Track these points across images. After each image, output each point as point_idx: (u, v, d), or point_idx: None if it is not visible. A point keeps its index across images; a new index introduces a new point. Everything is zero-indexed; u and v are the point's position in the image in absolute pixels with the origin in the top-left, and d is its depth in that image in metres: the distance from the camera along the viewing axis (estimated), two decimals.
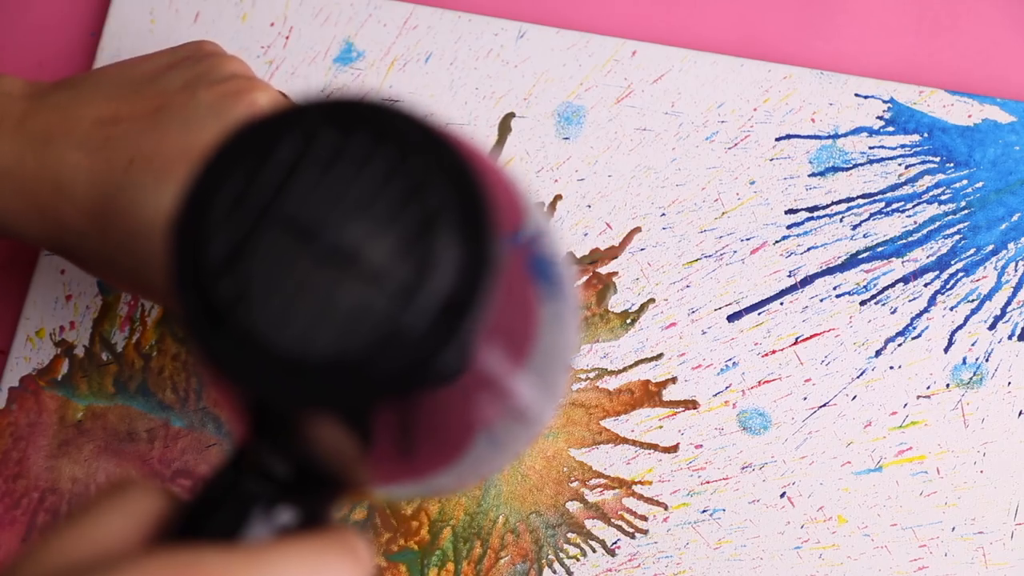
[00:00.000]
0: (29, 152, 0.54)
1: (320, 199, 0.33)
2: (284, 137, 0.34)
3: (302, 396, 0.33)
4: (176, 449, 0.63)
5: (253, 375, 0.33)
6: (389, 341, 0.33)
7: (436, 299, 0.33)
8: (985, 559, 0.60)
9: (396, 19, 0.66)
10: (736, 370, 0.62)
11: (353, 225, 0.33)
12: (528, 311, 0.36)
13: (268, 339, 0.33)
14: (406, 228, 0.33)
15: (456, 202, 0.33)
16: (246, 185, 0.34)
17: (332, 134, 0.34)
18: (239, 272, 0.33)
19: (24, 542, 0.63)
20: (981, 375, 0.61)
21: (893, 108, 0.64)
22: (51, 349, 0.64)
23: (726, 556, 0.61)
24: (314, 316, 0.33)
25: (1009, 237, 0.63)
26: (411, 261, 0.33)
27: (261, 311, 0.33)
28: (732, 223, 0.63)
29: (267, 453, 0.37)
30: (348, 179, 0.33)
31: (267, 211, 0.33)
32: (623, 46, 0.65)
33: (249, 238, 0.33)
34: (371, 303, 0.33)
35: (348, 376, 0.33)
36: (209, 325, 0.33)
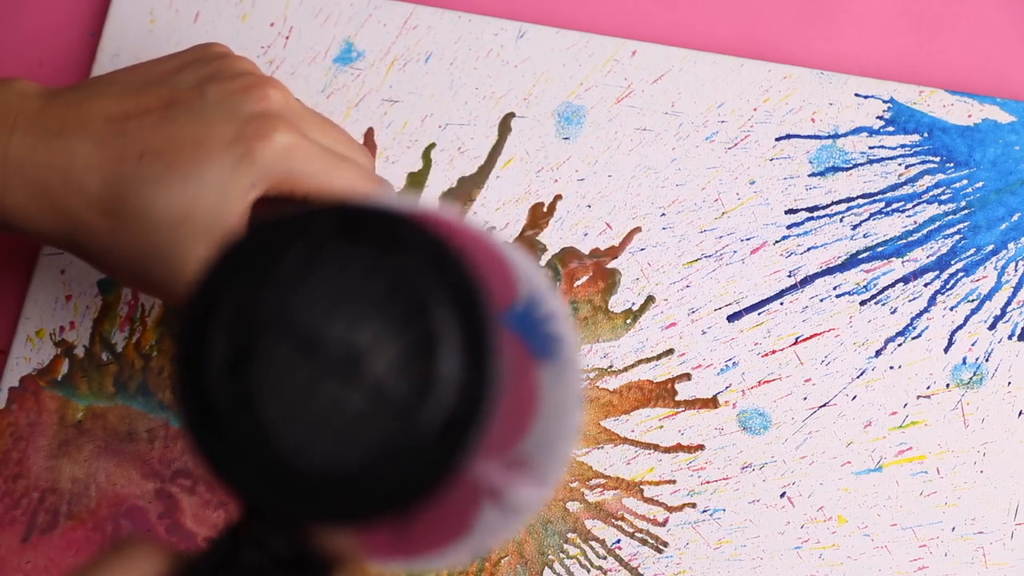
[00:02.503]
0: (42, 145, 0.54)
1: (324, 311, 0.33)
2: (291, 248, 0.34)
3: (299, 508, 0.33)
4: (176, 449, 0.63)
5: (250, 484, 0.33)
6: (389, 457, 0.33)
7: (438, 419, 0.33)
8: (985, 559, 0.60)
9: (396, 19, 0.66)
10: (736, 370, 0.62)
11: (357, 338, 0.33)
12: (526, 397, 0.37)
13: (266, 447, 0.33)
14: (409, 345, 0.33)
15: (460, 324, 0.33)
16: (252, 292, 0.34)
17: (340, 248, 0.34)
18: (241, 379, 0.33)
19: (24, 542, 0.63)
20: (981, 375, 0.61)
21: (893, 108, 0.64)
22: (51, 349, 0.64)
23: (726, 556, 0.61)
24: (314, 427, 0.33)
25: (1009, 237, 0.63)
26: (412, 380, 0.33)
27: (261, 419, 0.33)
28: (732, 223, 0.63)
29: (269, 535, 0.37)
30: (353, 293, 0.33)
31: (272, 320, 0.33)
32: (623, 46, 0.65)
33: (253, 346, 0.33)
34: (372, 418, 0.33)
35: (343, 491, 0.33)
36: (208, 430, 0.33)
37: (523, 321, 0.37)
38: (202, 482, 0.63)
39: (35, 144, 0.54)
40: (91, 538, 0.62)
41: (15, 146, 0.54)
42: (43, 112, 0.55)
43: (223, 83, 0.55)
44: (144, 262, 0.54)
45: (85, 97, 0.56)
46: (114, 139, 0.54)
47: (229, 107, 0.55)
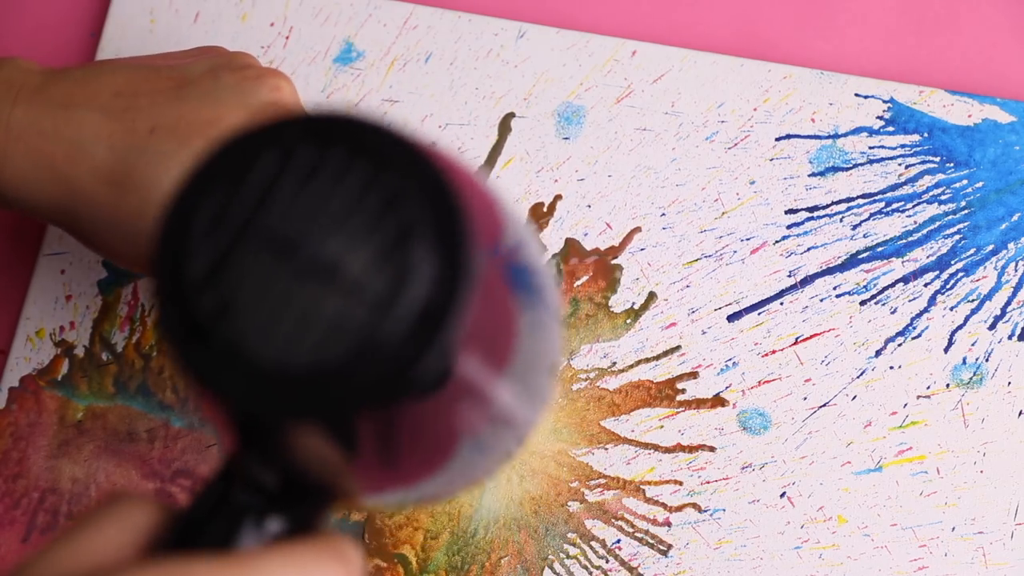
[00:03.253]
0: (47, 116, 0.54)
1: (298, 214, 0.34)
2: (263, 154, 0.34)
3: (282, 407, 0.33)
4: (176, 449, 0.63)
5: (234, 387, 0.33)
6: (367, 351, 0.33)
7: (413, 309, 0.33)
8: (985, 559, 0.60)
9: (396, 19, 0.66)
10: (736, 370, 0.62)
11: (331, 239, 0.34)
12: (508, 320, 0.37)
13: (249, 351, 0.33)
14: (383, 240, 0.34)
15: (431, 213, 0.34)
16: (226, 201, 0.34)
17: (309, 150, 0.34)
18: (220, 286, 0.34)
19: (24, 542, 0.63)
20: (981, 375, 0.61)
21: (893, 108, 0.64)
22: (51, 349, 0.64)
23: (726, 556, 0.61)
24: (294, 328, 0.33)
25: (1009, 237, 0.63)
26: (388, 272, 0.33)
27: (242, 324, 0.33)
28: (732, 223, 0.63)
29: (255, 464, 0.37)
30: (325, 194, 0.34)
31: (247, 227, 0.34)
32: (623, 46, 0.65)
33: (229, 253, 0.34)
34: (350, 314, 0.33)
35: (328, 387, 0.33)
36: (191, 339, 0.34)
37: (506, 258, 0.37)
38: (202, 482, 0.63)
39: (40, 115, 0.54)
40: None
41: (18, 117, 0.54)
42: (48, 86, 0.55)
43: (235, 71, 0.55)
44: (142, 238, 0.54)
45: (94, 74, 0.55)
46: (124, 112, 0.54)
47: (242, 92, 0.55)
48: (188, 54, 0.58)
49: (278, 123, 0.35)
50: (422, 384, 0.33)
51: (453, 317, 0.33)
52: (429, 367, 0.33)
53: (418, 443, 0.36)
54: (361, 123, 0.34)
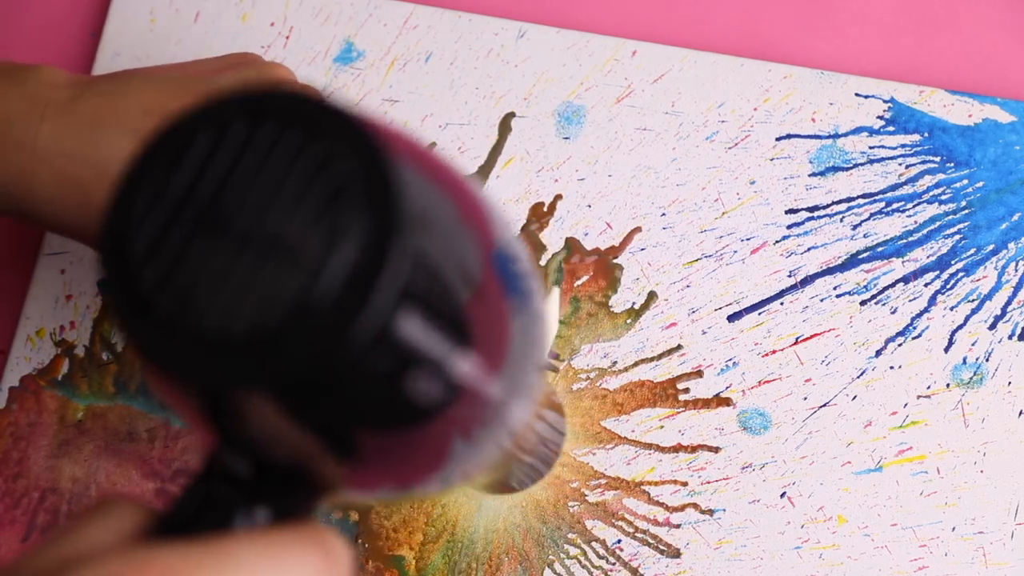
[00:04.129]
0: (74, 136, 0.54)
1: (233, 188, 0.35)
2: (198, 133, 0.35)
3: (222, 376, 0.34)
4: (176, 449, 0.63)
5: (179, 359, 0.34)
6: (300, 315, 0.33)
7: (342, 270, 0.33)
8: (985, 559, 0.60)
9: (396, 19, 0.66)
10: (736, 370, 0.62)
11: (265, 209, 0.34)
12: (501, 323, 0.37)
13: (189, 322, 0.34)
14: (314, 205, 0.34)
15: (362, 173, 0.34)
16: (164, 180, 0.35)
17: (241, 126, 0.35)
18: (160, 260, 0.35)
19: (24, 542, 0.63)
20: (981, 375, 0.61)
21: (893, 108, 0.64)
22: (51, 349, 0.64)
23: (726, 556, 0.61)
24: (232, 298, 0.34)
25: (1009, 237, 0.63)
26: (319, 236, 0.34)
27: (182, 296, 0.34)
28: (732, 223, 0.63)
29: (227, 455, 0.38)
30: (257, 166, 0.35)
31: (184, 203, 0.35)
32: (623, 46, 0.65)
33: (169, 229, 0.35)
34: (284, 280, 0.34)
35: (264, 352, 0.33)
36: (136, 314, 0.34)
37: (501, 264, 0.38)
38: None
39: (67, 135, 0.54)
40: None
41: (44, 136, 0.54)
42: (75, 102, 0.54)
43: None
44: None
45: (122, 89, 0.55)
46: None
47: None
48: (220, 62, 0.57)
49: (214, 103, 0.36)
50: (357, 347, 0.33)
51: (385, 275, 0.33)
52: (363, 329, 0.33)
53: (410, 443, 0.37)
54: (293, 96, 0.35)
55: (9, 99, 0.55)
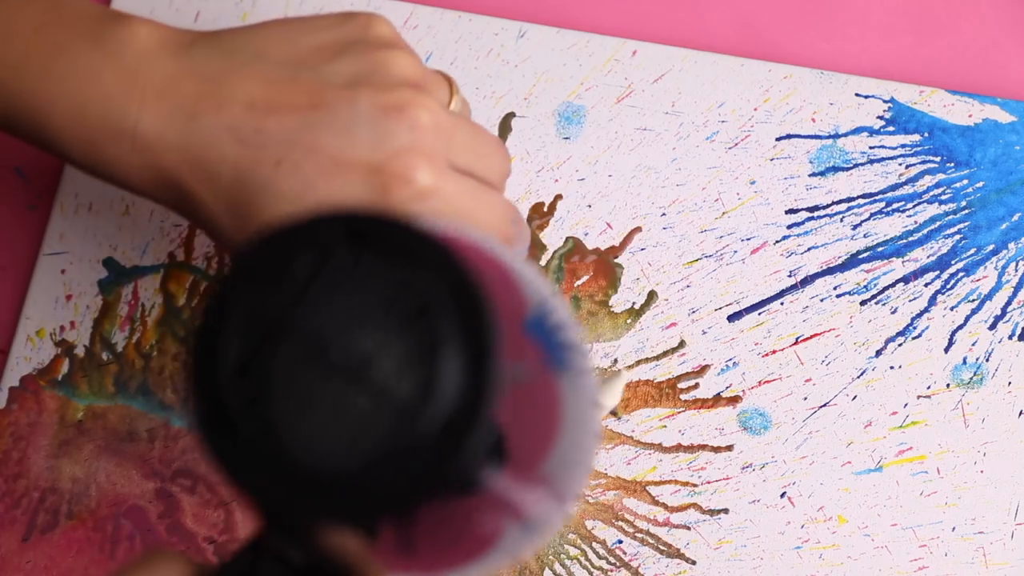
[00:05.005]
0: (173, 127, 0.52)
1: (332, 314, 0.35)
2: (299, 253, 0.35)
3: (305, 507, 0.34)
4: (176, 449, 0.63)
5: (260, 485, 0.34)
6: (391, 458, 0.34)
7: (438, 420, 0.34)
8: (985, 559, 0.60)
9: (396, 19, 0.66)
10: (736, 370, 0.62)
11: (361, 341, 0.34)
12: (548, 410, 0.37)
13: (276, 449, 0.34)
14: (412, 346, 0.34)
15: (461, 323, 0.34)
16: (262, 297, 0.35)
17: (344, 252, 0.35)
18: (251, 381, 0.34)
19: (25, 542, 0.63)
20: (981, 375, 0.61)
21: (893, 108, 0.64)
22: (51, 349, 0.64)
23: (726, 556, 0.61)
24: (322, 427, 0.34)
25: (1009, 237, 0.63)
26: (415, 379, 0.34)
27: (270, 419, 0.34)
28: (732, 223, 0.63)
29: (282, 542, 0.38)
30: (361, 296, 0.35)
31: (280, 324, 0.35)
32: (623, 46, 0.65)
33: (262, 349, 0.35)
34: (376, 419, 0.34)
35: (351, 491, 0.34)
36: (220, 432, 0.34)
37: (538, 330, 0.37)
38: (202, 482, 0.63)
39: (166, 126, 0.52)
40: (91, 538, 0.62)
41: (144, 127, 0.51)
42: (176, 83, 0.52)
43: (377, 92, 0.52)
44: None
45: (225, 70, 0.52)
46: (254, 135, 0.51)
47: (378, 129, 0.51)
48: (339, 34, 0.53)
49: (315, 220, 0.35)
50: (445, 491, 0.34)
51: (478, 428, 0.34)
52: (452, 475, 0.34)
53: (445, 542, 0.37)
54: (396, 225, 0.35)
55: (105, 76, 0.52)
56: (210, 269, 0.64)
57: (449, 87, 0.54)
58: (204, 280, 0.64)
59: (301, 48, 0.53)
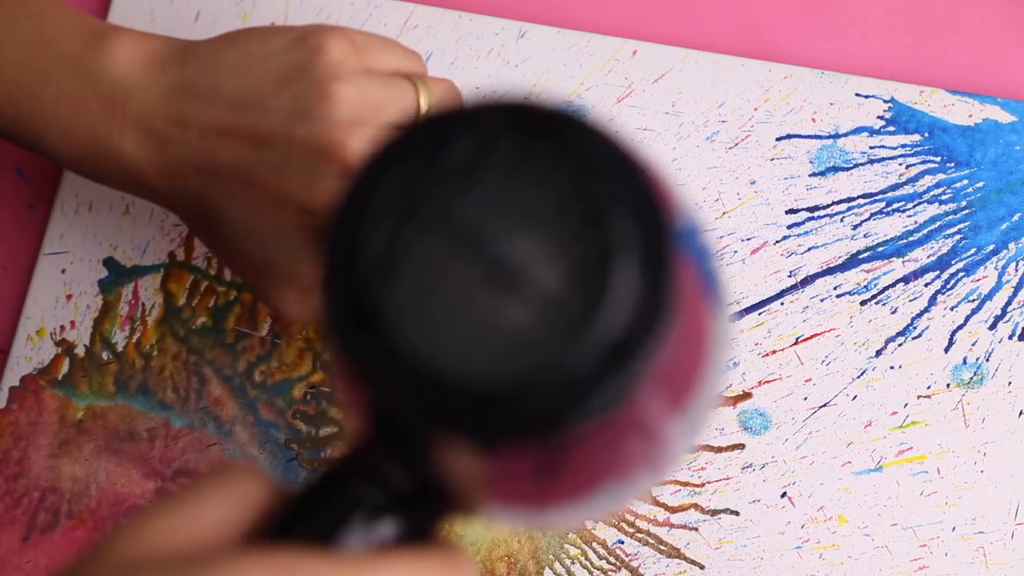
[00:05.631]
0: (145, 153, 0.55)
1: (492, 208, 0.31)
2: (461, 134, 0.31)
3: (441, 419, 0.30)
4: (176, 448, 0.63)
5: (392, 386, 0.31)
6: (547, 376, 0.30)
7: (606, 338, 0.30)
8: (985, 559, 0.60)
9: (397, 19, 0.66)
10: (737, 370, 0.62)
11: (524, 242, 0.30)
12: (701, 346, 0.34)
13: (416, 351, 0.30)
14: (583, 255, 0.30)
15: (639, 236, 0.30)
16: (414, 181, 0.31)
17: (515, 139, 0.31)
18: (394, 275, 0.31)
19: (25, 541, 0.63)
20: (982, 375, 0.61)
21: (894, 108, 0.64)
22: (52, 348, 0.64)
23: (726, 556, 0.61)
24: (467, 335, 0.30)
25: (1010, 237, 0.63)
26: (584, 292, 0.30)
27: (412, 321, 0.30)
28: (733, 223, 0.63)
29: (387, 461, 0.34)
30: (526, 191, 0.31)
31: (433, 212, 0.31)
32: (624, 45, 0.65)
33: (410, 238, 0.31)
34: (533, 331, 0.30)
35: (495, 406, 0.30)
36: (355, 326, 0.31)
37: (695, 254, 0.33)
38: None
39: (141, 151, 0.55)
40: (91, 538, 0.62)
41: (126, 149, 0.55)
42: (148, 112, 0.55)
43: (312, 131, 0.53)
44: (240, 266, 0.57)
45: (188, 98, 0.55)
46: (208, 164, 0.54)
47: (307, 171, 0.53)
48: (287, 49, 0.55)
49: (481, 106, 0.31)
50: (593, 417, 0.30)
51: (645, 354, 0.30)
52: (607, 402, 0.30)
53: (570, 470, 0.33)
54: (573, 119, 0.31)
55: (89, 105, 0.55)
56: (210, 269, 0.64)
57: (415, 94, 0.55)
58: (204, 280, 0.64)
59: (255, 76, 0.55)
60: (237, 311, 0.64)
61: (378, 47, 0.56)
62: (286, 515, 0.35)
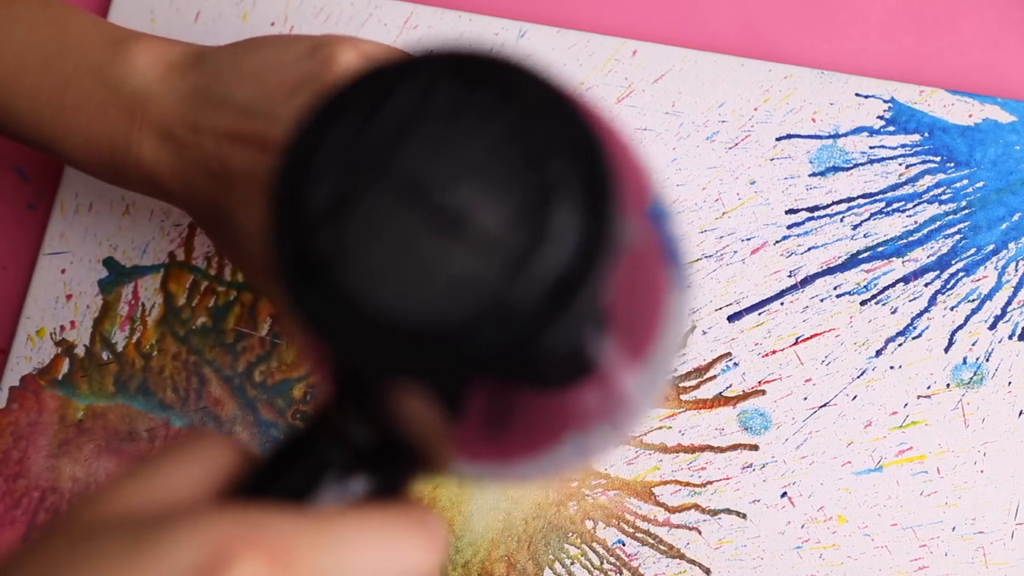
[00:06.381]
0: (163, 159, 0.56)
1: (434, 155, 0.31)
2: (402, 84, 0.31)
3: (393, 363, 0.31)
4: None
5: (345, 336, 0.31)
6: (493, 313, 0.30)
7: (548, 273, 0.30)
8: (985, 559, 0.60)
9: (397, 19, 0.66)
10: (737, 370, 0.62)
11: (467, 187, 0.31)
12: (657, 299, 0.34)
13: (365, 299, 0.31)
14: (523, 196, 0.31)
15: (580, 173, 0.31)
16: (356, 132, 0.31)
17: (455, 86, 0.31)
18: (340, 224, 0.31)
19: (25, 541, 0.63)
20: (982, 375, 0.61)
21: (894, 108, 0.64)
22: (52, 348, 0.64)
23: (726, 556, 0.61)
24: (415, 279, 0.31)
25: (1010, 237, 0.63)
26: (525, 231, 0.31)
27: (360, 268, 0.31)
28: (732, 223, 0.63)
29: (350, 418, 0.35)
30: (467, 137, 0.31)
31: (376, 162, 0.31)
32: (623, 45, 0.65)
33: (354, 189, 0.31)
34: (478, 271, 0.31)
35: (445, 347, 0.30)
36: (303, 278, 0.31)
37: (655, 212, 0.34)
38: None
39: (160, 157, 0.56)
40: None
41: (145, 156, 0.56)
42: (166, 119, 0.56)
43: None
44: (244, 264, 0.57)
45: (203, 106, 0.56)
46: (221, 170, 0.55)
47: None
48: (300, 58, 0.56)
49: (423, 55, 0.32)
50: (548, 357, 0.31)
51: (590, 288, 0.30)
52: (557, 340, 0.31)
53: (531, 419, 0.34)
54: (513, 64, 0.31)
55: (110, 112, 0.56)
56: (210, 269, 0.64)
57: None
58: (204, 280, 0.64)
59: (268, 85, 0.55)
60: (237, 311, 0.64)
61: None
62: (255, 478, 0.35)
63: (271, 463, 0.35)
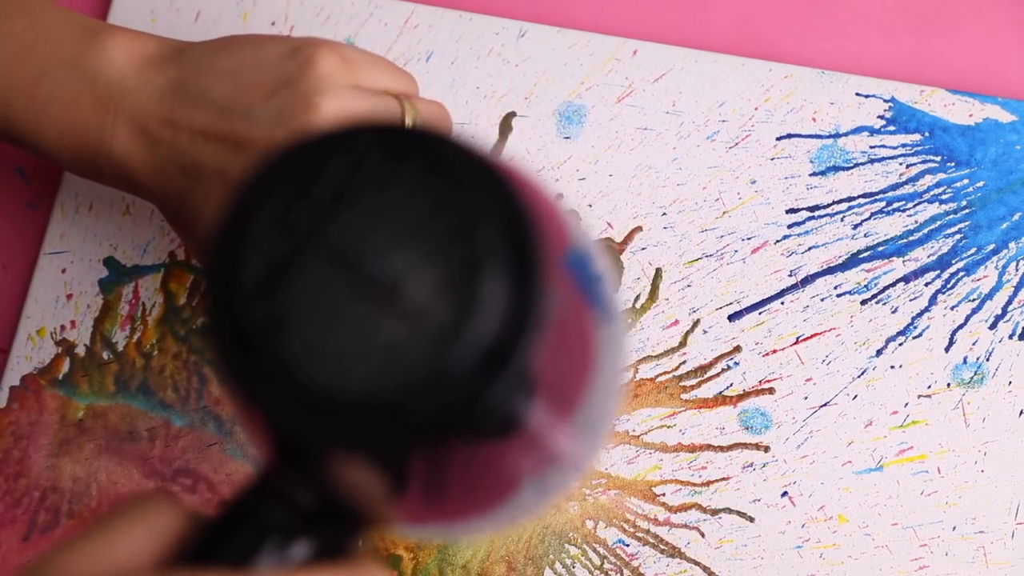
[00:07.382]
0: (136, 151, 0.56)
1: (365, 228, 0.32)
2: (333, 159, 0.32)
3: (329, 435, 0.31)
4: (177, 448, 0.63)
5: (280, 407, 0.31)
6: (424, 384, 0.31)
7: (478, 344, 0.31)
8: (986, 558, 0.60)
9: (397, 18, 0.66)
10: (737, 370, 0.62)
11: (396, 259, 0.31)
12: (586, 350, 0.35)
13: (300, 371, 0.31)
14: (452, 267, 0.31)
15: (506, 245, 0.31)
16: (289, 206, 0.32)
17: (383, 161, 0.32)
18: (274, 297, 0.32)
19: (25, 541, 0.63)
20: (982, 374, 0.61)
21: (894, 107, 0.64)
22: (52, 348, 0.64)
23: (727, 556, 0.61)
24: (347, 352, 0.31)
25: (1010, 236, 0.63)
26: (454, 303, 0.31)
27: (295, 340, 0.31)
28: (733, 222, 0.63)
29: (292, 482, 0.35)
30: (396, 210, 0.32)
31: (309, 236, 0.32)
32: (624, 45, 0.65)
33: (288, 262, 0.32)
34: (409, 342, 0.31)
35: (379, 419, 0.31)
36: (239, 350, 0.32)
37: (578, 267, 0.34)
38: (203, 481, 0.63)
39: (133, 150, 0.56)
40: None
41: (118, 148, 0.56)
42: (140, 112, 0.56)
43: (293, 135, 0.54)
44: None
45: (179, 102, 0.56)
46: (192, 167, 0.55)
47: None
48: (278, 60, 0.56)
49: (351, 129, 0.32)
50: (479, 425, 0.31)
51: (519, 357, 0.31)
52: (489, 408, 0.31)
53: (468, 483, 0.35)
54: (439, 138, 0.32)
55: (83, 103, 0.56)
56: None
57: (401, 112, 0.56)
58: (204, 279, 0.64)
59: (245, 84, 0.55)
60: None
61: (369, 64, 0.56)
62: (201, 542, 0.35)
63: (215, 527, 0.36)
